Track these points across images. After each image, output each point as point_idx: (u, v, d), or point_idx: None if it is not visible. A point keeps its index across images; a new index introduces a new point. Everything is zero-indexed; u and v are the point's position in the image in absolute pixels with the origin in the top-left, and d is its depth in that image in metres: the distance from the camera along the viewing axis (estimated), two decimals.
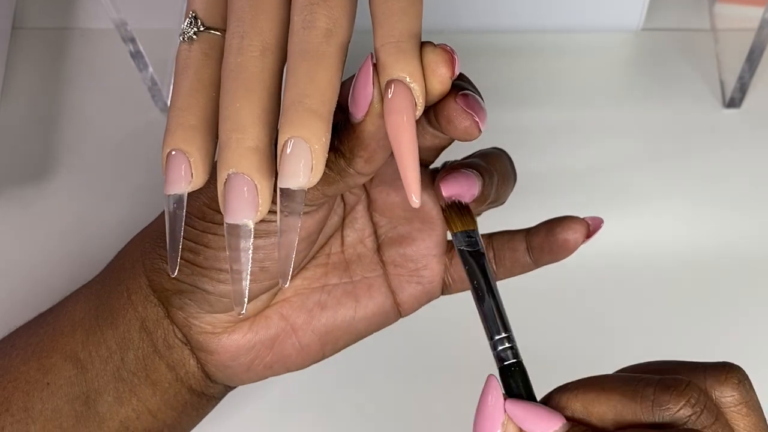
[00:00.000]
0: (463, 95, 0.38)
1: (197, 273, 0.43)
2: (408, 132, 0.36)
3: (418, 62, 0.36)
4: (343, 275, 0.46)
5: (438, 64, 0.37)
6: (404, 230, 0.46)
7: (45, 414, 0.45)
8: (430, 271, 0.46)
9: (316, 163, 0.35)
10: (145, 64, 0.62)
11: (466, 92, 0.39)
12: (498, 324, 0.40)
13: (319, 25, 0.36)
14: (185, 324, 0.44)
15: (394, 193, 0.46)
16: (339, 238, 0.47)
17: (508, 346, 0.40)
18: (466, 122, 0.39)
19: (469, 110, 0.38)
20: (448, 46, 0.37)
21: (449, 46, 0.37)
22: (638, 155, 0.63)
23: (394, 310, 0.47)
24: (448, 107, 0.38)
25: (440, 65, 0.37)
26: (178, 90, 0.38)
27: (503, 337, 0.40)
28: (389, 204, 0.46)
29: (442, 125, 0.39)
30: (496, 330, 0.40)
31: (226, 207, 0.36)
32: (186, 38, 0.38)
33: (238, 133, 0.35)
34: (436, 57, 0.37)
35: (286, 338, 0.45)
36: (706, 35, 0.67)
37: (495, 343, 0.40)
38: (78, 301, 0.47)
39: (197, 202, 0.42)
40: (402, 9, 0.36)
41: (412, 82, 0.36)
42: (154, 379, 0.45)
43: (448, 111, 0.39)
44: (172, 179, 0.37)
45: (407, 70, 0.36)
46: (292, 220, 0.36)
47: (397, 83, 0.36)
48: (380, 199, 0.46)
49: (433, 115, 0.40)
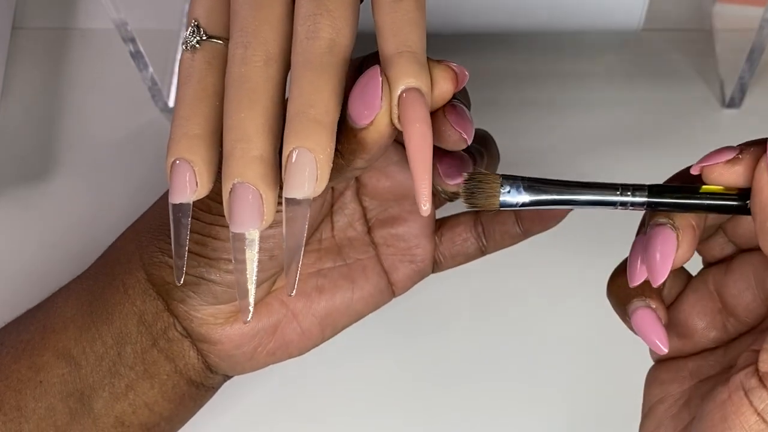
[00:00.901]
0: (451, 108, 0.39)
1: (204, 264, 0.43)
2: (427, 141, 0.36)
3: (427, 72, 0.37)
4: (336, 259, 0.47)
5: (445, 80, 0.37)
6: (395, 211, 0.47)
7: (38, 412, 0.45)
8: (422, 249, 0.47)
9: (320, 173, 0.35)
10: (145, 64, 0.62)
11: (455, 104, 0.39)
12: (604, 194, 0.39)
13: (323, 35, 0.36)
14: (186, 317, 0.45)
15: (384, 178, 0.46)
16: (329, 223, 0.47)
17: (629, 194, 0.38)
18: (454, 137, 0.39)
19: (458, 128, 0.39)
20: (453, 64, 0.38)
21: (455, 64, 0.38)
22: (638, 155, 0.63)
23: (388, 289, 0.48)
24: (439, 122, 0.39)
25: (447, 81, 0.37)
26: (182, 99, 0.38)
27: (618, 194, 0.38)
28: (380, 188, 0.46)
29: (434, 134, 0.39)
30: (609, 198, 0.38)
31: (232, 216, 0.36)
32: (189, 47, 0.38)
33: (242, 143, 0.35)
34: (443, 73, 0.37)
35: (288, 324, 0.46)
36: (706, 35, 0.67)
37: (621, 204, 0.38)
38: (69, 297, 0.47)
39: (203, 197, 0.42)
40: (413, 20, 0.36)
41: (427, 93, 0.36)
42: (153, 373, 0.45)
43: (438, 125, 0.39)
44: (177, 188, 0.37)
45: (423, 80, 0.36)
46: (298, 226, 0.36)
47: (416, 93, 0.36)
48: (371, 184, 0.46)
49: None
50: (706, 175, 0.38)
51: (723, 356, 0.42)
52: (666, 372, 0.43)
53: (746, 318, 0.42)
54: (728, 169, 0.37)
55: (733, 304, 0.42)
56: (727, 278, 0.42)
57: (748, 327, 0.42)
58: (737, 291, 0.41)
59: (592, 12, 0.64)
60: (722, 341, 0.42)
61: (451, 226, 0.48)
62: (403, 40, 0.36)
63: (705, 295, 0.42)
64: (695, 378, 0.42)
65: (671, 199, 0.38)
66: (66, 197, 0.64)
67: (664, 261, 0.38)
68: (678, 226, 0.38)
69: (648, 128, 0.64)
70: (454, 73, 0.37)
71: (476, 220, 0.48)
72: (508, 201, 0.38)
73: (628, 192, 0.38)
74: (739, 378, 0.37)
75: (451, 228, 0.48)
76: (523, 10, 0.64)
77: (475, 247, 0.48)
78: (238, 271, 0.37)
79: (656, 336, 0.40)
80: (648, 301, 0.40)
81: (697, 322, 0.42)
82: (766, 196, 0.36)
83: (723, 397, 0.37)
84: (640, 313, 0.40)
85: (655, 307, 0.40)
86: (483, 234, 0.48)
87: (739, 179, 0.37)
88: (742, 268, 0.41)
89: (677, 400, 0.42)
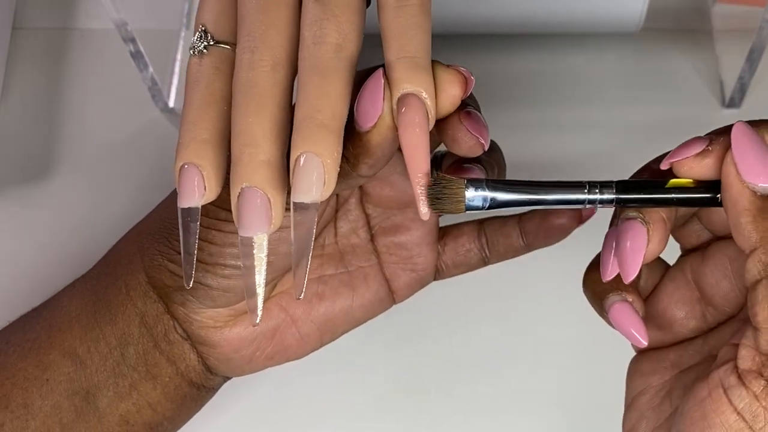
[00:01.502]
0: (466, 114, 0.39)
1: (200, 269, 0.43)
2: (422, 145, 0.36)
3: (431, 78, 0.37)
4: (338, 265, 0.47)
5: (452, 84, 0.37)
6: (398, 219, 0.47)
7: (45, 410, 0.45)
8: (423, 258, 0.47)
9: (328, 177, 0.35)
10: (146, 64, 0.62)
11: (470, 111, 0.39)
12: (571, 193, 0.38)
13: (330, 40, 0.36)
14: (186, 319, 0.45)
15: (388, 187, 0.46)
16: (332, 229, 0.47)
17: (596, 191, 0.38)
18: (471, 142, 0.39)
19: (475, 133, 0.39)
20: (462, 68, 0.38)
21: (463, 68, 0.38)
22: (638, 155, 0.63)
23: (389, 297, 0.48)
24: (454, 128, 0.39)
25: (454, 85, 0.37)
26: (190, 104, 0.38)
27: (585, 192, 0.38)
28: (383, 197, 0.47)
29: (447, 143, 0.40)
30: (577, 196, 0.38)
31: (240, 220, 0.36)
32: (196, 52, 0.38)
33: (250, 148, 0.36)
34: (450, 77, 0.37)
35: (287, 329, 0.46)
36: (706, 35, 0.67)
37: (590, 201, 0.38)
38: (73, 297, 0.47)
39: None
40: (417, 24, 0.36)
41: (427, 97, 0.36)
42: (155, 374, 0.46)
43: (453, 131, 0.39)
44: (186, 192, 0.37)
45: (423, 85, 0.36)
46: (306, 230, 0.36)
47: (412, 97, 0.36)
48: (374, 192, 0.47)
49: (437, 131, 0.40)
50: (676, 169, 0.38)
51: (703, 346, 0.42)
52: (647, 363, 0.43)
53: (724, 307, 0.42)
54: (698, 162, 0.37)
55: (711, 294, 0.42)
56: (704, 267, 0.42)
57: (727, 316, 0.42)
58: (714, 280, 0.41)
59: (592, 12, 0.64)
60: (702, 331, 0.42)
61: (455, 236, 0.48)
62: (403, 45, 0.37)
63: (683, 284, 0.42)
64: (676, 368, 0.42)
65: (640, 195, 0.38)
66: (66, 197, 0.64)
67: (635, 256, 0.38)
68: (648, 220, 0.38)
69: (648, 128, 0.64)
70: (463, 76, 0.38)
71: (480, 231, 0.48)
72: (474, 205, 0.38)
73: (596, 189, 0.38)
74: (719, 375, 0.36)
75: (455, 238, 0.48)
76: (523, 10, 0.64)
77: (478, 258, 0.49)
78: (246, 275, 0.37)
79: (635, 329, 0.40)
80: (624, 294, 0.40)
81: (677, 312, 0.42)
82: (736, 191, 0.36)
83: (703, 395, 0.36)
84: (617, 308, 0.40)
85: (632, 300, 0.40)
86: (486, 245, 0.48)
87: (709, 171, 0.37)
88: (717, 257, 0.41)
89: (659, 391, 0.42)
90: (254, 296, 0.38)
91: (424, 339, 0.60)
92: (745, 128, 0.37)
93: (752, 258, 0.36)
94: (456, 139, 0.39)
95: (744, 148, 0.36)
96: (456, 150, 0.40)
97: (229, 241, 0.42)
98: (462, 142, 0.39)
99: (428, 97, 0.37)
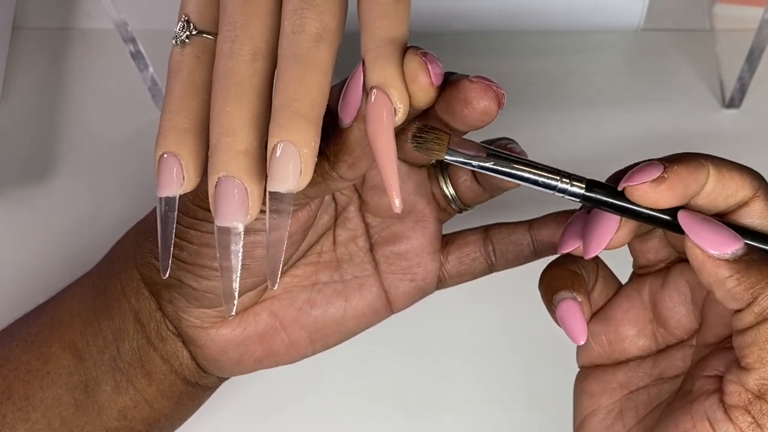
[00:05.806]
0: (476, 76, 0.38)
1: (182, 269, 0.43)
2: (385, 138, 0.36)
3: (395, 68, 0.36)
4: (333, 274, 0.46)
5: (416, 72, 0.36)
6: (397, 229, 0.46)
7: (45, 402, 0.46)
8: (423, 268, 0.47)
9: (304, 167, 0.35)
10: (146, 64, 0.62)
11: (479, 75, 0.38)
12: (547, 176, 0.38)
13: (309, 29, 0.36)
14: (175, 317, 0.45)
15: (386, 195, 0.46)
16: (331, 236, 0.47)
17: (566, 181, 0.38)
18: (484, 101, 0.38)
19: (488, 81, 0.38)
20: (429, 53, 0.37)
21: (430, 53, 0.37)
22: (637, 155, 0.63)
23: (385, 307, 0.47)
24: (464, 88, 0.38)
25: (418, 73, 0.36)
26: (171, 93, 0.38)
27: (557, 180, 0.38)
28: (381, 206, 0.46)
29: (458, 111, 0.38)
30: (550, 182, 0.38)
31: (217, 210, 0.36)
32: (179, 42, 0.39)
33: (228, 137, 0.35)
34: (414, 65, 0.36)
35: (275, 334, 0.46)
36: (706, 35, 0.66)
37: (560, 190, 0.38)
38: (76, 292, 0.48)
39: (182, 198, 0.42)
40: (383, 14, 0.36)
41: (390, 88, 0.36)
42: (149, 370, 0.46)
43: (464, 92, 0.38)
44: (164, 182, 0.37)
45: (384, 76, 0.36)
46: (282, 220, 0.36)
47: (376, 89, 0.36)
48: (372, 201, 0.46)
49: (446, 104, 0.39)
50: (630, 194, 0.38)
51: (653, 368, 0.43)
52: (594, 383, 0.43)
53: (676, 330, 0.42)
54: (653, 189, 0.37)
55: (666, 317, 0.42)
56: (664, 291, 0.42)
57: (678, 340, 0.43)
58: (672, 305, 0.42)
59: (591, 12, 0.64)
60: (650, 351, 0.43)
61: (460, 245, 0.47)
62: (370, 35, 0.36)
63: (638, 303, 0.43)
64: (625, 389, 0.43)
65: (606, 197, 0.38)
66: (66, 197, 0.64)
67: (603, 234, 0.39)
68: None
69: (648, 128, 0.64)
70: (425, 63, 0.36)
71: (486, 238, 0.47)
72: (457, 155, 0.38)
73: (567, 180, 0.38)
74: (704, 408, 0.37)
75: (460, 247, 0.47)
76: (523, 10, 0.64)
77: (484, 266, 0.47)
78: (223, 267, 0.37)
79: (576, 326, 0.41)
80: (575, 294, 0.41)
81: (628, 330, 0.43)
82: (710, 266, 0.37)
83: (687, 427, 0.37)
84: (565, 304, 0.41)
85: (581, 301, 0.41)
86: (493, 252, 0.47)
87: (664, 200, 0.37)
88: (678, 283, 0.42)
89: (609, 411, 0.42)
90: (230, 287, 0.37)
91: (423, 339, 0.59)
92: (688, 212, 0.38)
93: (746, 310, 0.37)
94: (468, 100, 0.38)
95: (697, 228, 0.37)
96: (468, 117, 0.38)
97: (206, 242, 0.42)
98: (475, 102, 0.38)
99: (391, 88, 0.36)
